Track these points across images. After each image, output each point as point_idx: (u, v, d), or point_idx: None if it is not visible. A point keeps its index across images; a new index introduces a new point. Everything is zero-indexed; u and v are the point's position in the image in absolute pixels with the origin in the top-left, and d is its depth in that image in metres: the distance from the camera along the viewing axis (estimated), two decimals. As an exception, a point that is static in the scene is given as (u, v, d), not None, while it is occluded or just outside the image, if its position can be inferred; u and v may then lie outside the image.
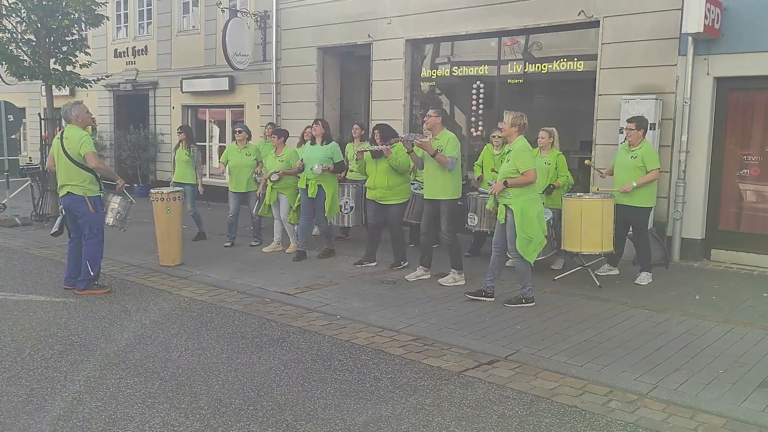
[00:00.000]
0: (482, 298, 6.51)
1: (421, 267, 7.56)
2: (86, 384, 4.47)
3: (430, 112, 7.30)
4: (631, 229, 7.46)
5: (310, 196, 8.42)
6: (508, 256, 6.50)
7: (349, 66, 12.95)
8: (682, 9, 8.03)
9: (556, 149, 7.84)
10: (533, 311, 6.22)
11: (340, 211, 8.91)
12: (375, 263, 8.16)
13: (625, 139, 7.40)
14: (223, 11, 13.63)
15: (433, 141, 7.19)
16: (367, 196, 8.16)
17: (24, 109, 18.17)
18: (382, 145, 7.71)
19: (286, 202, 8.87)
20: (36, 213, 11.81)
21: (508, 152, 6.32)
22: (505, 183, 6.19)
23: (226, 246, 9.45)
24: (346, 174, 9.34)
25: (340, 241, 9.75)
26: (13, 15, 11.92)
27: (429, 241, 7.56)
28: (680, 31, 8.12)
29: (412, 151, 7.34)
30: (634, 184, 7.05)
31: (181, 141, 10.15)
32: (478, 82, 10.62)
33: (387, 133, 7.94)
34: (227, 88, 14.21)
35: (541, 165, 7.44)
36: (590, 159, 8.73)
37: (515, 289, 6.69)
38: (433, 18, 10.68)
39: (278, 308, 6.44)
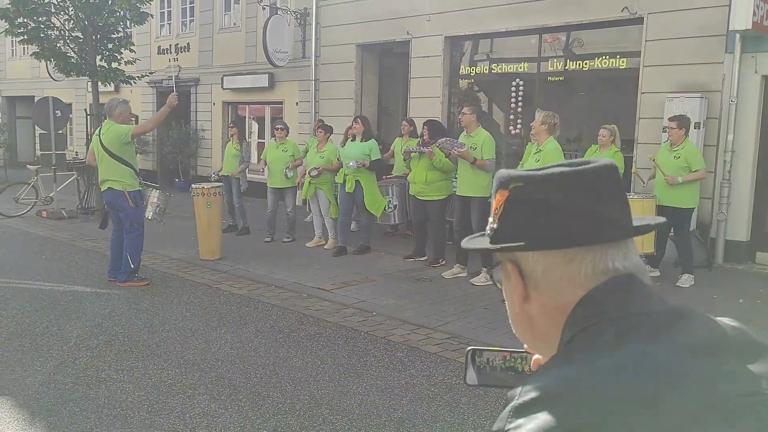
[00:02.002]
0: None
1: (458, 265, 7.54)
2: (129, 373, 4.60)
3: (465, 109, 7.28)
4: (672, 230, 7.31)
5: (347, 190, 8.56)
6: None
7: (387, 63, 12.96)
8: (729, 5, 7.81)
9: (615, 147, 7.73)
10: (571, 312, 6.15)
11: (385, 210, 8.94)
12: (425, 257, 8.21)
13: (668, 138, 7.27)
14: (263, 9, 13.77)
15: (467, 138, 7.19)
16: (409, 191, 8.22)
17: (71, 104, 18.64)
18: (430, 141, 7.78)
19: (324, 197, 8.97)
20: (81, 206, 12.13)
21: (537, 152, 6.26)
22: None
23: (266, 241, 9.58)
24: (392, 170, 9.49)
25: (386, 237, 9.79)
26: (62, 13, 12.25)
27: (463, 237, 7.48)
28: (727, 28, 7.91)
29: (450, 154, 7.35)
30: (680, 180, 6.91)
31: (232, 135, 10.40)
32: (517, 80, 10.52)
33: (436, 130, 7.96)
34: (267, 85, 14.36)
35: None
36: (638, 167, 8.56)
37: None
38: (473, 15, 10.62)
39: (315, 304, 6.50)
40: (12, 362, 4.79)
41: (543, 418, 0.71)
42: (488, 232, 0.91)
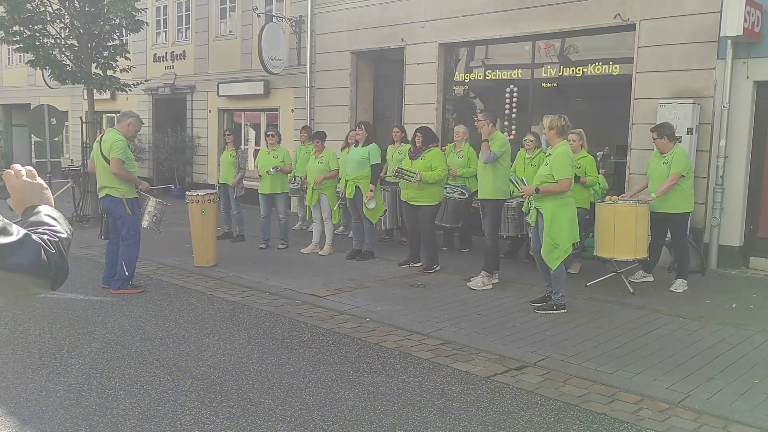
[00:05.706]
0: (553, 311, 6.27)
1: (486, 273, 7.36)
2: (121, 381, 4.59)
3: (479, 116, 7.30)
4: (669, 235, 7.32)
5: (347, 196, 8.60)
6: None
7: (382, 70, 13.00)
8: (721, 12, 7.87)
9: (584, 151, 7.77)
10: (564, 317, 6.16)
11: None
12: (420, 263, 8.21)
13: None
14: (259, 16, 13.82)
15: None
16: (401, 197, 8.24)
17: (66, 112, 18.69)
18: (422, 148, 7.86)
19: (327, 203, 8.99)
20: (76, 214, 12.12)
21: (548, 156, 6.26)
22: (537, 190, 6.14)
23: (261, 248, 9.57)
24: (385, 175, 9.48)
25: (380, 244, 9.78)
26: (57, 21, 12.28)
27: (495, 243, 7.41)
28: (719, 34, 7.96)
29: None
30: (653, 196, 6.95)
31: (228, 143, 10.42)
32: (511, 86, 10.56)
33: (428, 137, 8.01)
34: (262, 92, 14.38)
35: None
36: None
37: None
38: (467, 22, 10.66)
39: (308, 310, 6.50)
40: (4, 370, 4.78)
41: None
42: None
